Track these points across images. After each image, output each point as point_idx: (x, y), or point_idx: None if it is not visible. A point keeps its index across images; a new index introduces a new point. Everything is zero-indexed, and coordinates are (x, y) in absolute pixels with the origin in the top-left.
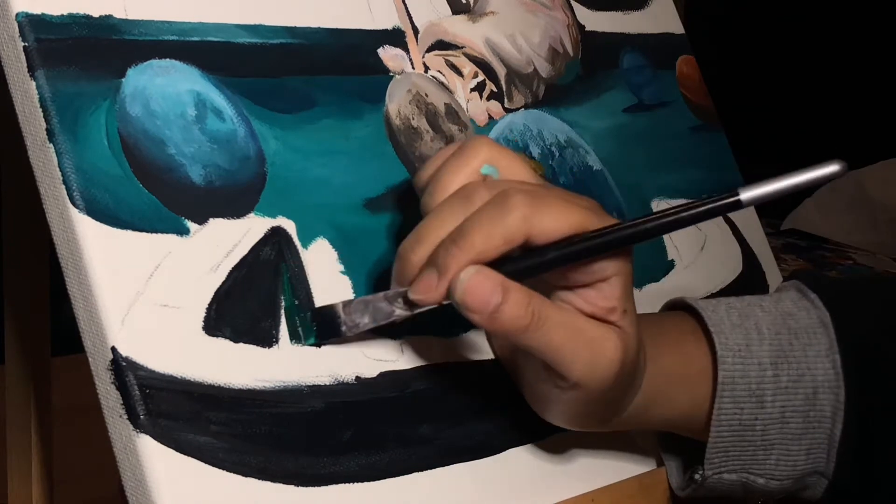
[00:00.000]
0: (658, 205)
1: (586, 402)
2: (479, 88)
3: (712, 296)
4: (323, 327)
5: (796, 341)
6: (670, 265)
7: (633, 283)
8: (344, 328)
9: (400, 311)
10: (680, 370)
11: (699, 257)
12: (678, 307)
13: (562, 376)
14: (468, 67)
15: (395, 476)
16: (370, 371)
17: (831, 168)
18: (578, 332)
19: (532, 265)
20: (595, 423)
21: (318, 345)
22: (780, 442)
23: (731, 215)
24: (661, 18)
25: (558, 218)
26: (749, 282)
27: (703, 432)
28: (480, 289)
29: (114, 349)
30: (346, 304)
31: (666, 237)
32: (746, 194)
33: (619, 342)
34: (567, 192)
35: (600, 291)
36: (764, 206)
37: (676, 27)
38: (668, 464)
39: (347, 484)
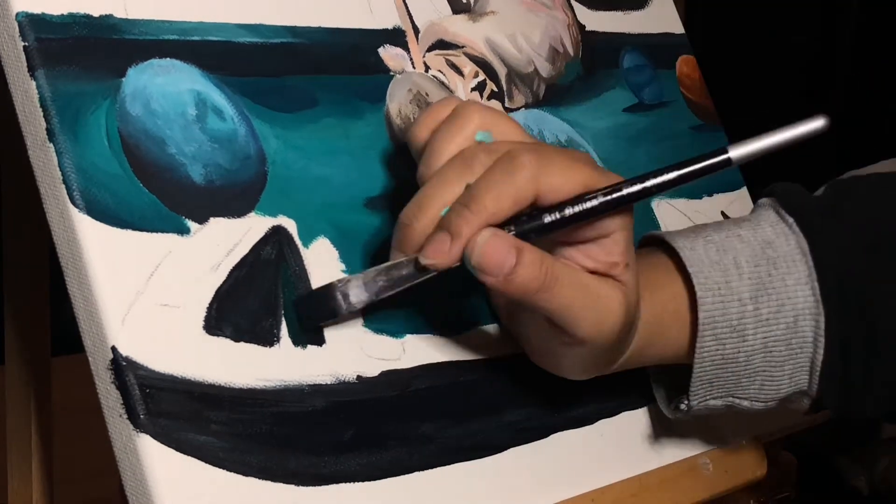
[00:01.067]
0: (659, 204)
1: (591, 356)
2: (480, 88)
3: None
4: (318, 309)
5: (775, 271)
6: None
7: (633, 236)
8: (344, 307)
9: (405, 275)
10: (670, 309)
11: None
12: (655, 243)
13: (568, 333)
14: (469, 67)
15: (396, 475)
16: (372, 370)
17: (816, 123)
18: (586, 290)
19: (541, 225)
20: (598, 370)
21: (317, 328)
22: (763, 370)
23: (731, 214)
24: (661, 18)
25: (566, 176)
26: None
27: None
28: (496, 251)
29: (114, 349)
30: (342, 282)
31: None
32: (735, 152)
33: (622, 297)
34: (564, 148)
35: (603, 247)
36: None
37: (676, 27)
38: (656, 392)
39: (348, 483)
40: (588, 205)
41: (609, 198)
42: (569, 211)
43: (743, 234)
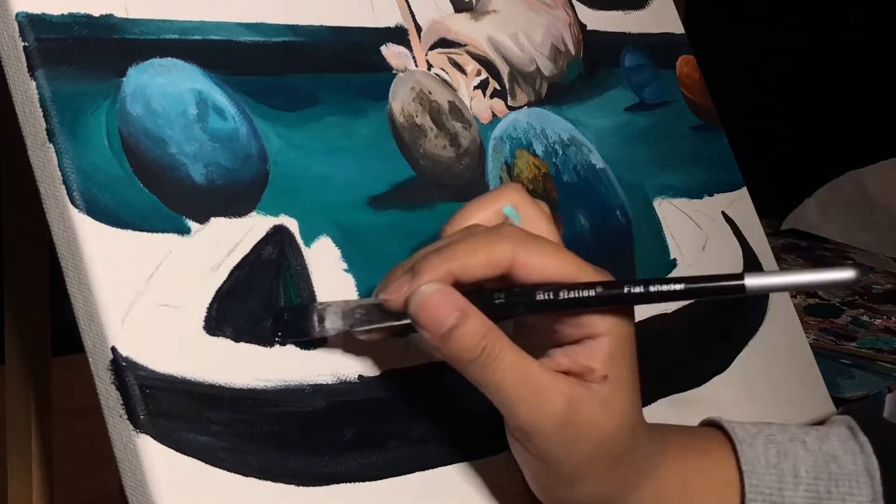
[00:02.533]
0: (660, 204)
1: (545, 464)
2: (483, 86)
3: None
4: (293, 326)
5: (835, 489)
6: (672, 264)
7: (631, 347)
8: (317, 330)
9: (378, 315)
10: (703, 480)
11: (700, 257)
12: (714, 426)
13: (508, 421)
14: (471, 65)
15: (396, 475)
16: (373, 369)
17: (845, 274)
18: (527, 379)
19: (531, 302)
20: (601, 492)
21: (283, 343)
22: None
23: (731, 214)
24: (662, 18)
25: (547, 259)
26: None
27: None
28: (438, 307)
29: (114, 349)
30: (321, 305)
31: (668, 235)
32: (752, 282)
33: (571, 399)
34: (558, 243)
35: (585, 348)
36: (764, 206)
37: (676, 27)
38: None
39: (349, 483)
40: (584, 293)
41: (608, 292)
42: (563, 294)
43: (808, 442)
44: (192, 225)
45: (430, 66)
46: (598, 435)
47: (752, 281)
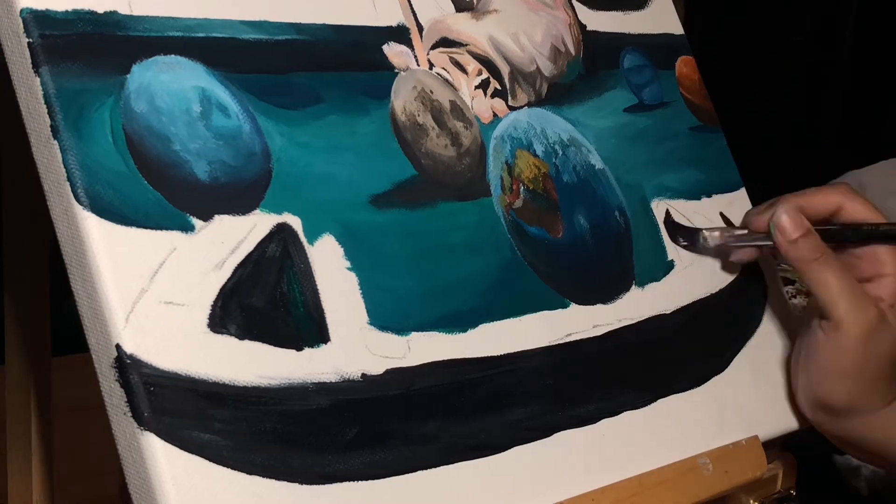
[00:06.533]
0: (658, 205)
1: (847, 352)
2: (484, 86)
3: (711, 297)
4: (682, 234)
5: None
6: (670, 265)
7: None
8: (701, 243)
9: (734, 238)
10: None
11: (698, 258)
12: None
13: (827, 313)
14: (472, 65)
15: (399, 474)
16: (376, 368)
17: None
18: (850, 284)
19: (838, 230)
20: (865, 389)
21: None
22: None
23: (729, 215)
24: (661, 19)
25: (868, 208)
26: (748, 283)
27: None
28: (793, 221)
29: (118, 346)
30: (708, 229)
31: (665, 236)
32: None
33: (881, 311)
34: None
35: (876, 284)
36: None
37: (676, 27)
38: None
39: (352, 482)
40: (882, 229)
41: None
42: (883, 228)
43: None
44: (196, 222)
45: (431, 66)
46: (886, 348)
47: None
